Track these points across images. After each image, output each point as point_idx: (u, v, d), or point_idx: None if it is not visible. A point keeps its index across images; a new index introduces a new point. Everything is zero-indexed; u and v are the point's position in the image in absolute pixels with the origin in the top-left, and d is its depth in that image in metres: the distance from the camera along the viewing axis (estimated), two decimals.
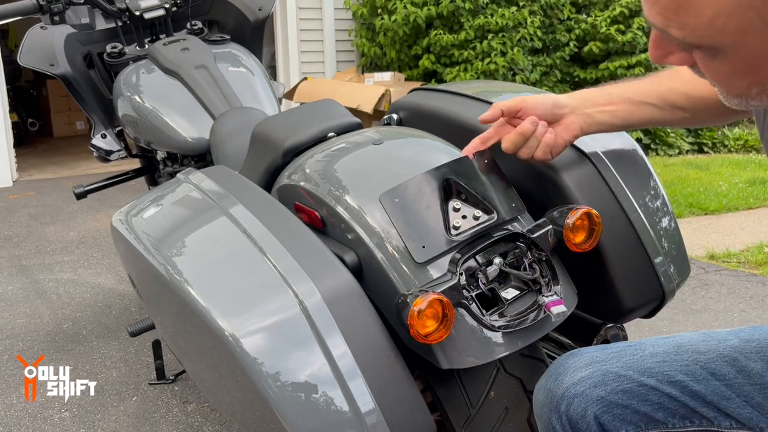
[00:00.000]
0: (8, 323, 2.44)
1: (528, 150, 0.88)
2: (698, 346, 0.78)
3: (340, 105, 1.14)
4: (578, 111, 0.89)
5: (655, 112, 0.89)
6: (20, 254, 3.30)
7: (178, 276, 0.81)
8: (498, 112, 0.89)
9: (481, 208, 0.83)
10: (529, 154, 0.88)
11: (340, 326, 0.73)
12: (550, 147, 0.88)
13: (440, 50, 5.15)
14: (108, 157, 1.96)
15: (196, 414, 1.81)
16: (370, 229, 0.82)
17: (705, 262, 2.99)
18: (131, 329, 1.37)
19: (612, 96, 0.90)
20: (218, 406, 0.91)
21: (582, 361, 0.78)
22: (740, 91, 0.54)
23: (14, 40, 8.15)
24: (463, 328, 0.77)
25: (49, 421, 1.79)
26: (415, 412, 0.75)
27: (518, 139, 0.87)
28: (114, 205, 4.07)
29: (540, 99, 0.89)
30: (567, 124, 0.89)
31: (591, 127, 0.90)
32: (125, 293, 2.71)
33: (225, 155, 1.48)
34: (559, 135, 0.88)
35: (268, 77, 1.84)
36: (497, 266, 0.80)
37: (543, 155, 0.88)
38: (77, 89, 1.89)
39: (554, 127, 0.89)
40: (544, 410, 0.78)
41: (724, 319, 2.38)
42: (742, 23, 0.47)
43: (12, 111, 6.40)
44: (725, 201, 3.88)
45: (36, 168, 5.88)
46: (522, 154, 0.89)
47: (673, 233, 0.97)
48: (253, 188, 0.94)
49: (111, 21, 1.92)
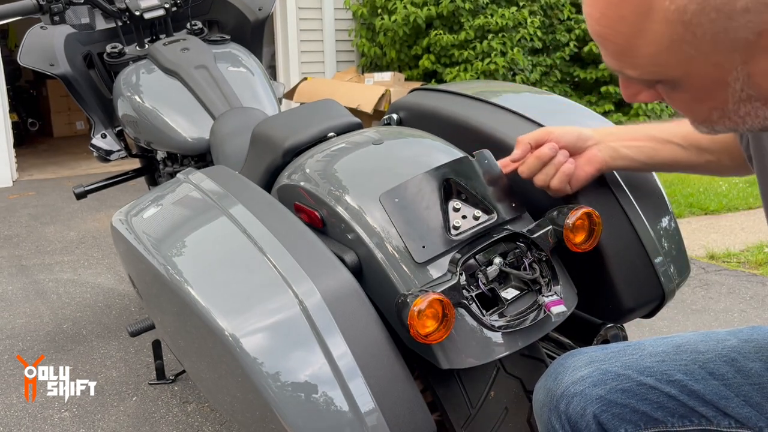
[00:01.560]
0: (8, 323, 2.44)
1: (544, 177, 0.87)
2: (697, 346, 0.78)
3: (340, 105, 1.14)
4: (603, 144, 0.88)
5: (680, 152, 0.87)
6: (20, 254, 3.30)
7: (178, 276, 0.81)
8: (527, 147, 0.88)
9: (481, 208, 0.83)
10: (544, 181, 0.87)
11: (340, 326, 0.73)
12: (568, 177, 0.87)
13: (440, 50, 5.15)
14: (108, 157, 1.96)
15: (196, 414, 1.81)
16: (370, 229, 0.82)
17: (705, 262, 2.99)
18: (131, 329, 1.38)
19: (637, 132, 0.89)
20: (218, 406, 0.91)
21: (581, 360, 0.78)
22: (703, 117, 0.57)
23: (14, 40, 8.15)
24: (463, 328, 0.77)
25: (49, 421, 1.79)
26: (415, 412, 0.75)
27: (535, 164, 0.87)
28: (114, 205, 4.07)
29: (566, 131, 0.88)
30: (590, 156, 0.88)
31: (615, 161, 0.88)
32: (125, 293, 2.71)
33: (225, 155, 1.48)
34: (581, 167, 0.87)
35: (268, 77, 1.84)
36: (497, 266, 0.80)
37: (559, 184, 0.87)
38: (77, 89, 1.89)
39: (577, 159, 0.88)
40: (544, 409, 0.78)
41: (724, 319, 2.38)
42: (681, 56, 0.51)
43: (12, 111, 6.40)
44: (725, 201, 3.88)
45: (36, 168, 5.88)
46: (538, 181, 0.88)
47: (673, 233, 0.97)
48: (253, 188, 0.94)
49: (111, 21, 1.92)
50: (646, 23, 0.50)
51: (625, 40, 0.52)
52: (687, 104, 0.57)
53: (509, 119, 1.01)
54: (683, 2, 0.48)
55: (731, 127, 0.57)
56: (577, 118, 1.04)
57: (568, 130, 0.88)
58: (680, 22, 0.49)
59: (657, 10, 0.49)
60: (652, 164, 0.89)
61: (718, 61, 0.50)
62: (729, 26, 0.48)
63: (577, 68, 5.59)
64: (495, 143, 0.96)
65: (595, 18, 0.54)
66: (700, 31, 0.49)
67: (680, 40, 0.50)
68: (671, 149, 0.87)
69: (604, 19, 0.53)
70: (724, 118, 0.56)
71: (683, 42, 0.50)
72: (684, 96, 0.56)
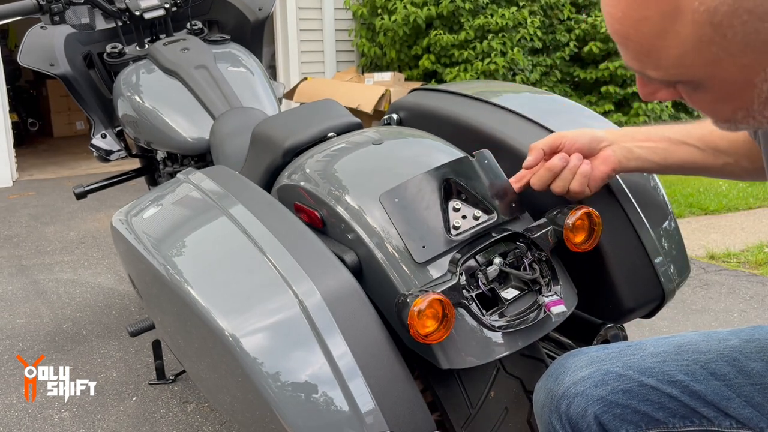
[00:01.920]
0: (8, 323, 2.43)
1: (562, 183, 0.86)
2: (699, 346, 0.78)
3: (340, 105, 1.14)
4: (617, 144, 0.87)
5: (696, 154, 0.86)
6: (20, 254, 3.30)
7: (178, 276, 0.81)
8: (540, 154, 0.87)
9: (481, 208, 0.83)
10: (563, 187, 0.86)
11: (340, 326, 0.73)
12: (586, 178, 0.85)
13: (440, 50, 5.15)
14: (108, 157, 1.96)
15: (196, 414, 1.81)
16: (370, 229, 0.81)
17: (705, 262, 2.99)
18: (131, 329, 1.37)
19: (651, 133, 0.88)
20: (218, 406, 0.91)
21: (582, 360, 0.78)
22: (726, 116, 0.57)
23: (14, 40, 8.15)
24: (463, 328, 0.77)
25: (49, 421, 1.79)
26: (415, 412, 0.75)
27: (546, 175, 0.86)
28: (114, 205, 4.07)
29: (578, 133, 0.87)
30: (604, 157, 0.87)
31: (630, 161, 0.87)
32: (125, 293, 2.71)
33: (225, 155, 1.48)
34: (597, 167, 0.86)
35: (268, 77, 1.84)
36: (497, 266, 0.80)
37: (579, 186, 0.85)
38: (77, 89, 1.89)
39: (591, 161, 0.87)
40: (545, 410, 0.78)
41: (724, 319, 2.38)
42: (708, 57, 0.50)
43: (12, 111, 6.40)
44: (725, 201, 3.88)
45: (36, 168, 5.88)
46: (556, 188, 0.87)
47: (673, 233, 0.97)
48: (253, 188, 0.94)
49: (111, 21, 1.92)
50: (672, 24, 0.50)
51: (648, 40, 0.52)
52: (709, 104, 0.56)
53: (509, 119, 1.01)
54: (714, 3, 0.47)
55: (755, 126, 0.56)
56: (578, 118, 1.03)
57: (581, 133, 0.87)
58: (709, 24, 0.48)
59: (684, 11, 0.48)
60: (666, 165, 0.87)
61: (746, 62, 0.50)
62: (761, 28, 0.47)
63: (577, 68, 5.59)
64: (495, 143, 0.96)
65: (617, 18, 0.53)
66: (731, 32, 0.48)
67: (708, 41, 0.49)
68: (687, 150, 0.86)
69: (626, 19, 0.52)
70: (749, 118, 0.55)
71: (711, 43, 0.49)
72: (706, 96, 0.55)
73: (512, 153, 0.95)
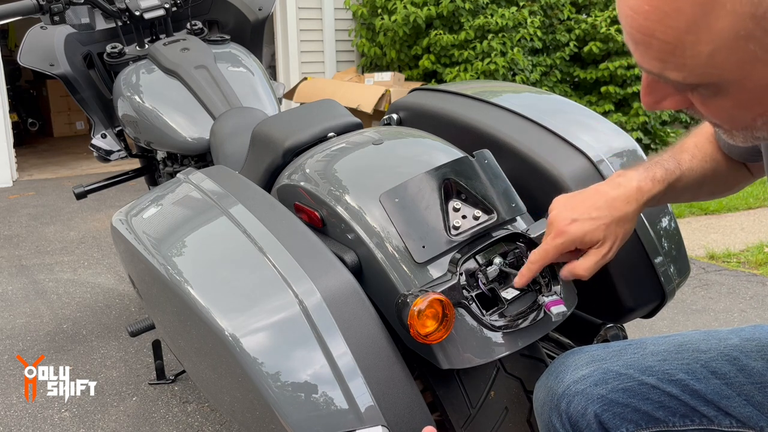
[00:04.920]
0: (8, 323, 2.43)
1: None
2: (699, 345, 0.78)
3: (340, 105, 1.14)
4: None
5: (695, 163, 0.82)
6: (20, 254, 3.30)
7: (178, 276, 0.81)
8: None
9: (481, 208, 0.83)
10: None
11: (340, 326, 0.73)
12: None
13: (440, 50, 5.15)
14: (108, 157, 1.97)
15: (196, 414, 1.81)
16: (370, 229, 0.81)
17: (705, 262, 2.99)
18: (131, 329, 1.37)
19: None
20: (218, 406, 0.91)
21: (583, 359, 0.78)
22: (745, 124, 0.52)
23: (14, 40, 8.15)
24: (463, 328, 0.77)
25: (49, 421, 1.79)
26: (415, 412, 0.75)
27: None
28: (114, 205, 4.07)
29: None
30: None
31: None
32: (125, 293, 2.71)
33: (225, 155, 1.48)
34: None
35: (268, 77, 1.84)
36: (497, 266, 0.80)
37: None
38: (77, 89, 1.89)
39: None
40: (545, 408, 0.78)
41: (724, 319, 2.38)
42: (744, 55, 0.45)
43: (12, 111, 6.40)
44: (725, 201, 3.88)
45: (36, 168, 5.88)
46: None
47: (673, 233, 0.97)
48: (253, 188, 0.94)
49: (111, 21, 1.92)
50: (707, 17, 0.44)
51: (676, 36, 0.46)
52: (728, 111, 0.51)
53: (509, 119, 1.01)
54: None
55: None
56: (577, 118, 1.03)
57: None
58: (751, 16, 0.43)
59: (722, 1, 0.43)
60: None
61: None
62: None
63: (577, 68, 5.58)
64: (495, 143, 0.97)
65: (642, 12, 0.47)
66: None
67: (746, 36, 0.44)
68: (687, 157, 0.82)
69: (655, 12, 0.46)
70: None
71: (750, 39, 0.44)
72: (726, 102, 0.50)
73: (512, 153, 0.95)
